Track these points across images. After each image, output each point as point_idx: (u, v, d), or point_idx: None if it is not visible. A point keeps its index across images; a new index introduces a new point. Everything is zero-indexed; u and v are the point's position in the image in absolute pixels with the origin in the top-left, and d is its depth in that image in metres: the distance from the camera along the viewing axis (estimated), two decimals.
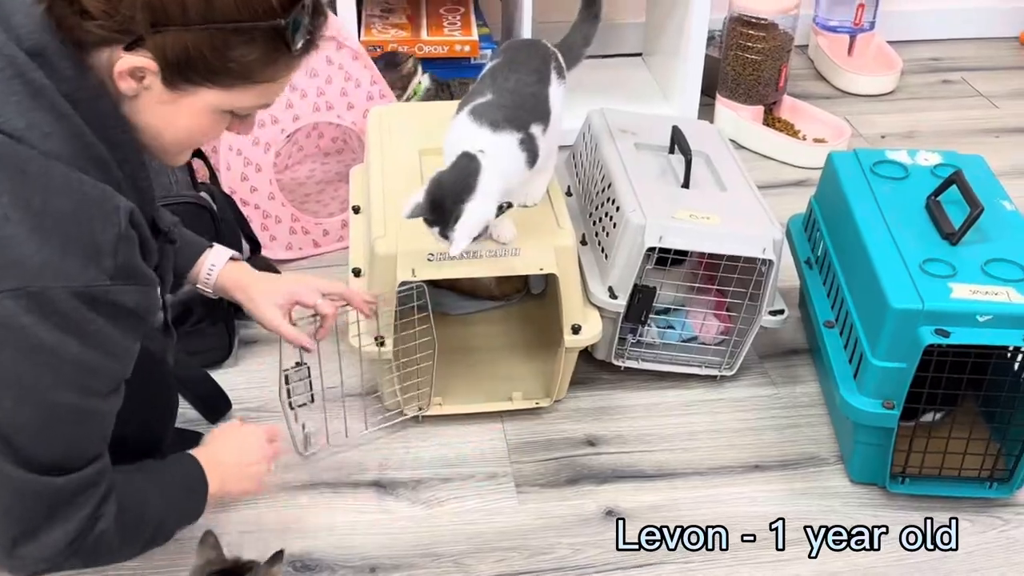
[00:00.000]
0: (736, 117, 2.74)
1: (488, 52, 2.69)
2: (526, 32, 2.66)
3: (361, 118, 2.24)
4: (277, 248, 2.26)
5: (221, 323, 1.96)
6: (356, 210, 2.02)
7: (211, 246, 1.63)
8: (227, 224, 2.02)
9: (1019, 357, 1.69)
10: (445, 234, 1.57)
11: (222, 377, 1.89)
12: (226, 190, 2.13)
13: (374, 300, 1.70)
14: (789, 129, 2.77)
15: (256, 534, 1.63)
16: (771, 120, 2.79)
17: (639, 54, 3.16)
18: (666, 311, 1.99)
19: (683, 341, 1.96)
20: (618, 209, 1.85)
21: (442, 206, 1.56)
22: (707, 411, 1.90)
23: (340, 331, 1.75)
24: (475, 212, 1.55)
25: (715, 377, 1.95)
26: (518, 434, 1.84)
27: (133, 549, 1.31)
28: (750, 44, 2.68)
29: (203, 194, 1.95)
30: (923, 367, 1.56)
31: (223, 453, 1.47)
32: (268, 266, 2.06)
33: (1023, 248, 1.68)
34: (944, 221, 1.73)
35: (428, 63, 2.55)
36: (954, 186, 1.76)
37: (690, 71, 2.71)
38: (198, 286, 1.62)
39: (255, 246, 2.14)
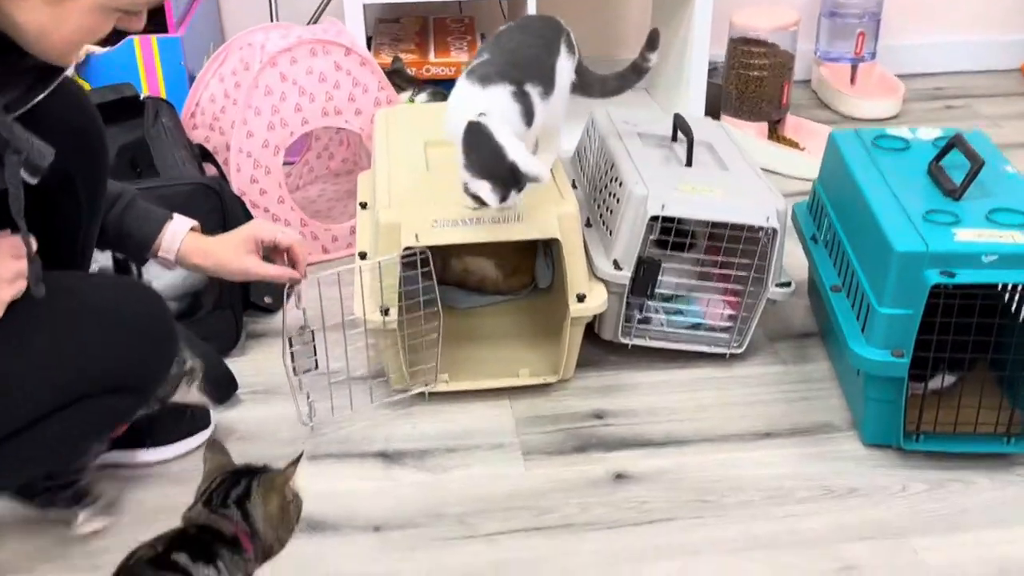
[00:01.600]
0: (741, 135, 2.76)
1: None
2: None
3: (368, 123, 2.27)
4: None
5: (229, 310, 1.96)
6: (363, 206, 2.04)
7: (171, 217, 1.58)
8: (237, 222, 2.04)
9: None
10: (522, 185, 1.62)
11: (230, 365, 1.88)
12: (236, 192, 2.16)
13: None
14: (794, 146, 2.80)
15: None
16: (776, 138, 2.82)
17: (644, 89, 3.21)
18: (673, 297, 1.99)
19: (690, 328, 1.95)
20: (621, 185, 1.86)
21: (500, 176, 1.61)
22: (716, 387, 1.88)
23: (345, 309, 1.75)
24: (519, 154, 1.60)
25: (724, 356, 1.93)
26: (525, 410, 1.82)
27: None
28: (752, 61, 2.73)
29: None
30: (930, 313, 1.54)
31: None
32: None
33: None
34: (946, 181, 1.73)
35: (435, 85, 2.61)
36: (955, 151, 1.77)
37: (693, 96, 2.76)
38: (160, 255, 1.56)
39: None
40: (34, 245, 1.23)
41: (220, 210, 1.90)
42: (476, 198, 1.65)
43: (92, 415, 1.34)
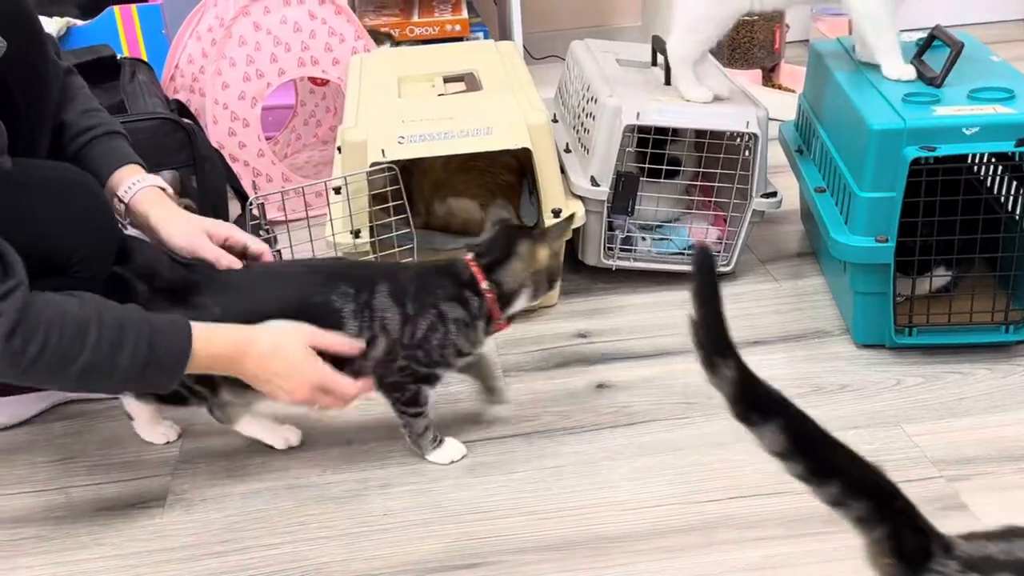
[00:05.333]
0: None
1: (480, 34, 2.72)
2: (517, 34, 2.71)
3: (346, 73, 2.24)
4: (268, 208, 2.24)
5: None
6: (339, 150, 2.01)
7: (138, 165, 1.50)
8: (212, 166, 2.01)
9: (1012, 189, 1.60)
10: None
11: None
12: (214, 144, 2.13)
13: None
14: (789, 92, 2.74)
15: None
16: (771, 86, 2.77)
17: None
18: (658, 227, 1.94)
19: (679, 252, 1.89)
20: (596, 102, 1.82)
21: None
22: None
23: (314, 234, 1.71)
24: None
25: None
26: (506, 333, 1.76)
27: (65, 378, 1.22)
28: None
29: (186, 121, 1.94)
30: (912, 192, 1.48)
31: (274, 357, 1.30)
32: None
33: (1011, 81, 1.61)
34: (927, 70, 1.67)
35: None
36: (936, 44, 1.71)
37: None
38: (115, 196, 1.46)
39: (244, 199, 2.13)
40: None
41: (189, 147, 1.86)
42: None
43: None
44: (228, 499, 1.40)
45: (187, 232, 1.44)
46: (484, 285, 1.40)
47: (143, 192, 1.46)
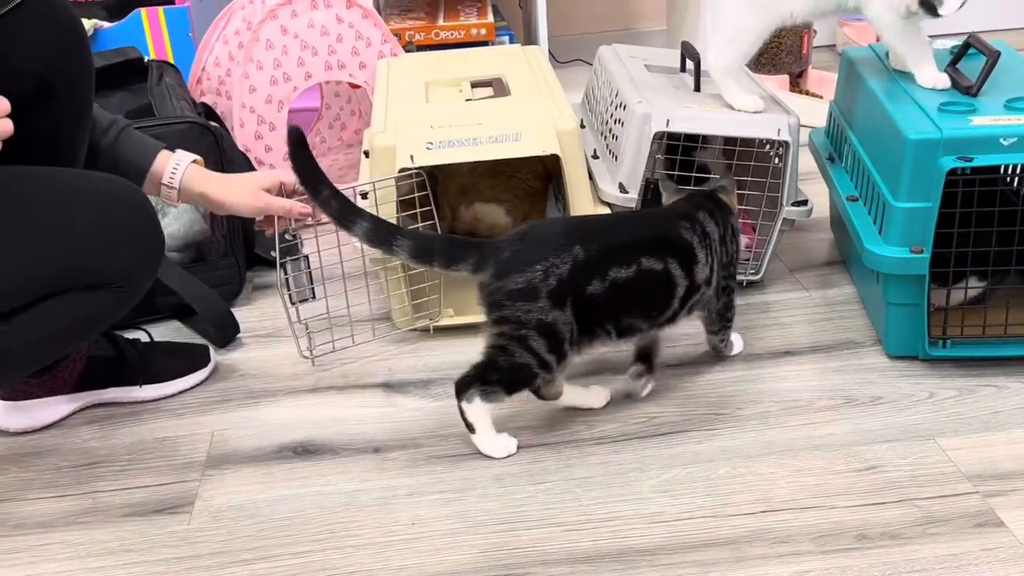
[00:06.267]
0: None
1: (506, 38, 2.71)
2: (542, 38, 2.70)
3: (373, 77, 2.24)
4: None
5: (232, 259, 1.93)
6: (366, 154, 2.00)
7: (170, 148, 1.56)
8: (240, 170, 2.00)
9: None
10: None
11: (235, 313, 1.84)
12: (240, 148, 2.13)
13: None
14: (816, 98, 2.72)
15: (254, 429, 1.56)
16: (798, 91, 2.75)
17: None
18: None
19: None
20: (625, 108, 1.80)
21: None
22: None
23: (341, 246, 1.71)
24: None
25: (741, 284, 1.85)
26: None
27: None
28: None
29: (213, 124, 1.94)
30: (948, 203, 1.46)
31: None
32: None
33: None
34: (963, 79, 1.65)
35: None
36: (971, 54, 1.69)
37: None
38: (163, 182, 1.53)
39: None
40: None
41: (217, 151, 1.86)
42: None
43: (73, 311, 1.32)
44: (255, 506, 1.39)
45: (250, 194, 1.55)
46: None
47: (188, 172, 1.53)
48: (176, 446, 1.53)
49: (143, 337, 1.70)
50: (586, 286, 1.39)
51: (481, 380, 1.41)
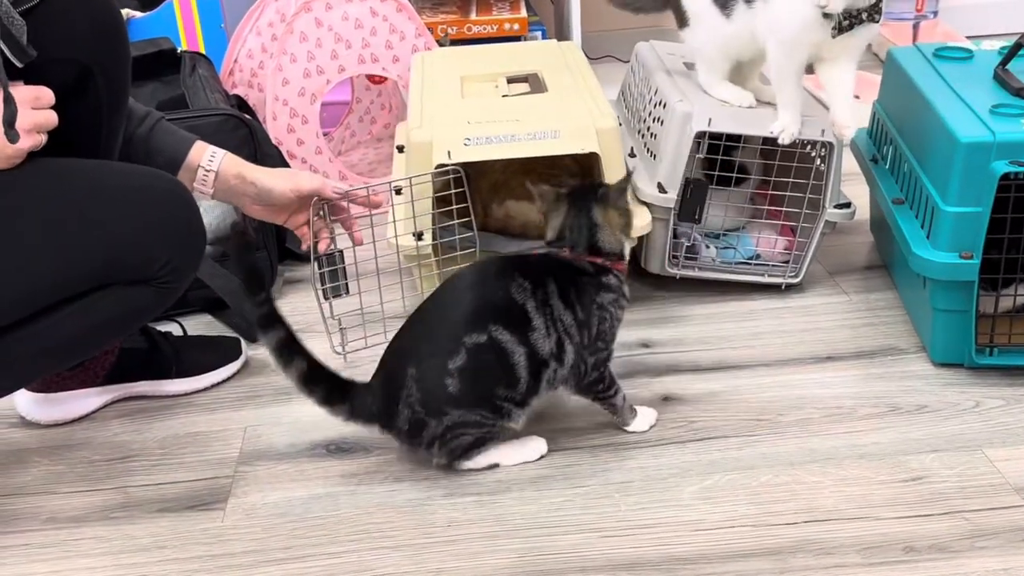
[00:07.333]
0: None
1: (538, 34, 2.69)
2: (576, 33, 2.68)
3: (406, 71, 2.22)
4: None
5: (264, 252, 1.91)
6: (400, 149, 1.98)
7: (203, 140, 1.53)
8: (273, 164, 1.99)
9: None
10: None
11: None
12: (273, 140, 2.11)
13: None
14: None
15: (287, 426, 1.54)
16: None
17: None
18: (724, 234, 1.89)
19: (744, 261, 1.84)
20: (665, 107, 1.78)
21: None
22: (772, 317, 1.77)
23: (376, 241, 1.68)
24: None
25: (780, 287, 1.83)
26: None
27: None
28: None
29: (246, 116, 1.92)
30: (1000, 208, 1.43)
31: None
32: None
33: None
34: (1013, 81, 1.62)
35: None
36: (1022, 54, 1.66)
37: None
38: (199, 175, 1.50)
39: None
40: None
41: (251, 144, 1.84)
42: None
43: (115, 306, 1.31)
44: (289, 504, 1.37)
45: (288, 179, 1.55)
46: (602, 262, 1.42)
47: (225, 161, 1.51)
48: (208, 441, 1.52)
49: (175, 330, 1.69)
50: (443, 392, 1.34)
51: (462, 452, 1.40)
